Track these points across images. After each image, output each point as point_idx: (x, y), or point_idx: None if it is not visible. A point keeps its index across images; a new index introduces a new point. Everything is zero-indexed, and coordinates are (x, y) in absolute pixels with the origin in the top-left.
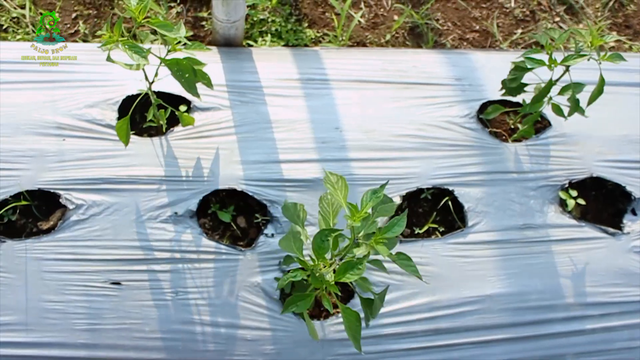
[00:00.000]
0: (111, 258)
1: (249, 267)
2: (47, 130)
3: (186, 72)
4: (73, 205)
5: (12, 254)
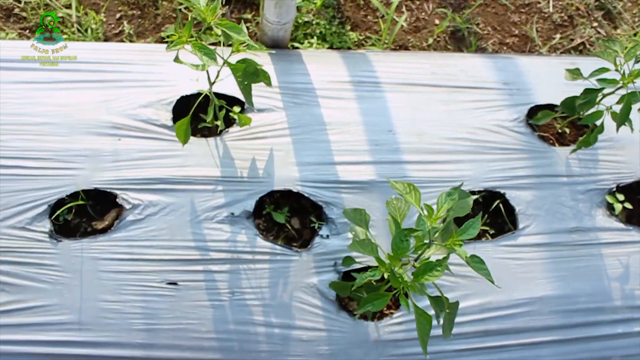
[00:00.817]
0: (168, 258)
1: (304, 268)
2: (102, 130)
3: (247, 78)
4: (129, 205)
5: (68, 253)
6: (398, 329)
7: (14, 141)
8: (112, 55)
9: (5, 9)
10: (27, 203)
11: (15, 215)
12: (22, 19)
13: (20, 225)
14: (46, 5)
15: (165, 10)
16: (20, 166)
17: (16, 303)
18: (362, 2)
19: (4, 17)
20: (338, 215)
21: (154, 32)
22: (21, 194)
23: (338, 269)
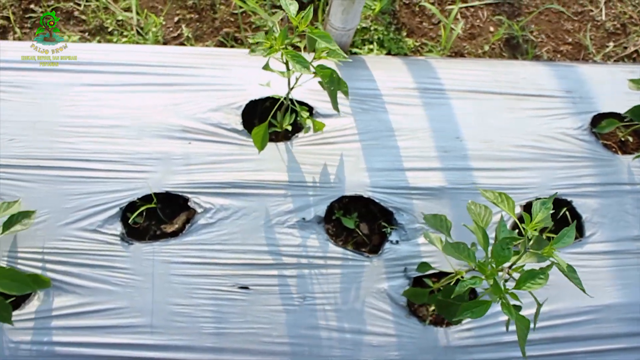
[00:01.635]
0: (239, 262)
1: (375, 274)
2: (172, 133)
3: (332, 84)
4: (201, 209)
5: (140, 256)
6: (467, 335)
7: (84, 143)
8: (178, 58)
9: (65, 11)
10: (99, 205)
11: (87, 217)
12: (81, 21)
13: (92, 227)
14: (105, 8)
15: (223, 14)
16: (91, 168)
17: (88, 305)
18: (417, 8)
19: (64, 19)
20: (408, 221)
21: (212, 35)
22: (92, 196)
23: (408, 275)
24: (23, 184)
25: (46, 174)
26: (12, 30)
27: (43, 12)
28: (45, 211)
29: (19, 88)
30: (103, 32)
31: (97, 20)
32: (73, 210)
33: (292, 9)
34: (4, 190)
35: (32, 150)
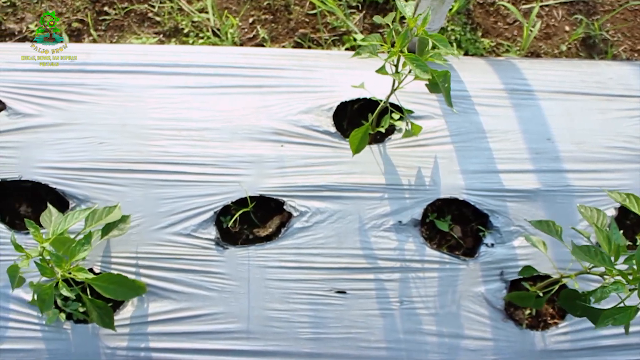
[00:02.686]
0: (335, 266)
1: (471, 277)
2: (264, 136)
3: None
4: (297, 212)
5: (235, 260)
6: (564, 339)
7: (174, 146)
8: (264, 60)
9: (139, 13)
10: (192, 210)
11: (181, 222)
12: (156, 23)
13: (186, 232)
14: (180, 10)
15: (298, 15)
16: (183, 172)
17: (184, 311)
18: (491, 8)
19: (138, 21)
20: (503, 223)
21: (288, 37)
22: (185, 200)
23: (504, 278)
24: (115, 188)
25: (138, 178)
26: (86, 33)
27: (117, 15)
28: (139, 215)
29: (105, 91)
30: (179, 34)
31: (172, 21)
32: (166, 214)
33: (408, 10)
34: (95, 194)
35: (122, 154)
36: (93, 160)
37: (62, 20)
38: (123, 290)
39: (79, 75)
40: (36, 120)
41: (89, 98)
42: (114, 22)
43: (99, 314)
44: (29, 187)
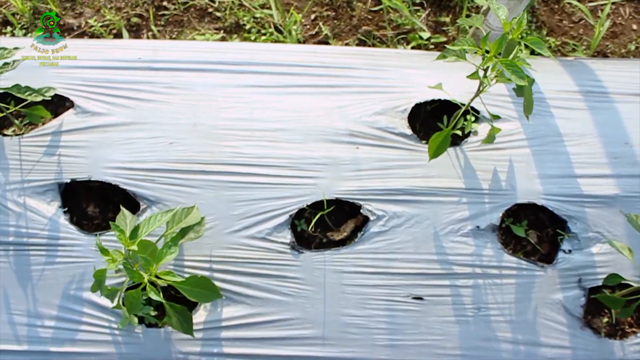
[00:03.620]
0: (412, 272)
1: (549, 284)
2: (339, 138)
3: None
4: (374, 216)
5: (311, 265)
6: None
7: (247, 147)
8: (334, 58)
9: (198, 8)
10: (267, 212)
11: (255, 225)
12: (216, 19)
13: (261, 235)
14: (240, 5)
15: (361, 11)
16: (256, 174)
17: (258, 316)
18: (556, 6)
19: (198, 17)
20: (581, 229)
21: (351, 34)
22: (260, 202)
23: (582, 285)
24: (186, 190)
25: (210, 179)
26: (146, 28)
27: (176, 10)
28: (212, 218)
29: (174, 89)
30: (240, 30)
31: (232, 17)
32: (240, 217)
33: (502, 13)
34: (167, 196)
35: (194, 154)
36: (164, 161)
37: (121, 15)
38: (207, 293)
39: (147, 73)
40: (105, 119)
41: (158, 97)
42: (173, 17)
43: (178, 319)
44: (96, 187)
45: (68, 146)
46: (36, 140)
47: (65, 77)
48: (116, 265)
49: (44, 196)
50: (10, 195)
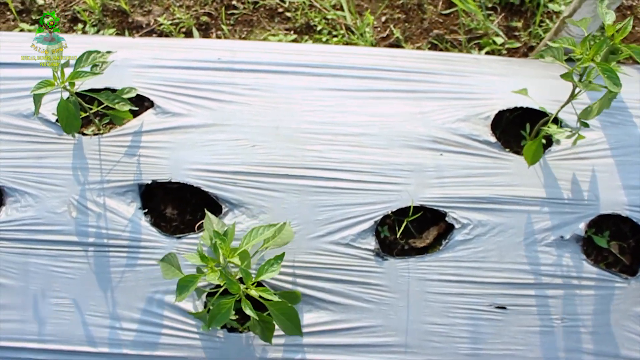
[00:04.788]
0: (496, 281)
1: (633, 296)
2: (422, 144)
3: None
4: (458, 225)
5: (394, 272)
6: None
7: (331, 152)
8: (413, 63)
9: (268, 8)
10: (351, 218)
11: (340, 230)
12: (286, 19)
13: (345, 241)
14: (311, 6)
15: (432, 14)
16: (340, 179)
17: (341, 323)
18: (627, 12)
19: (268, 17)
20: None
21: (422, 37)
22: (344, 208)
23: None
24: (270, 194)
25: (294, 183)
26: (215, 27)
27: (246, 9)
28: (295, 223)
29: (256, 91)
30: (311, 31)
31: (303, 18)
32: (324, 222)
33: (609, 18)
34: (250, 199)
35: (277, 158)
36: (246, 164)
37: (190, 13)
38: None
39: (228, 74)
40: (186, 120)
41: (239, 98)
42: (242, 16)
43: (262, 328)
44: (174, 189)
45: (148, 147)
46: (116, 140)
47: (144, 77)
48: (217, 276)
49: (123, 197)
50: (89, 195)
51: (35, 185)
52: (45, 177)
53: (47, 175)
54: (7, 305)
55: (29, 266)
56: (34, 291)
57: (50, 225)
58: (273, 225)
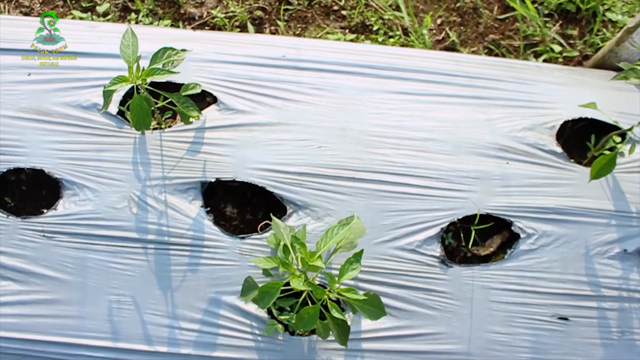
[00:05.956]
0: (559, 292)
1: None
2: (489, 151)
3: None
4: (524, 234)
5: (459, 280)
6: None
7: (397, 156)
8: (477, 68)
9: (323, 5)
10: (417, 224)
11: (406, 236)
12: (341, 17)
13: (410, 247)
14: (366, 5)
15: (487, 19)
16: (406, 184)
17: (404, 329)
18: None
19: (323, 14)
20: None
21: (477, 41)
22: (410, 214)
23: None
24: (336, 196)
25: (360, 187)
26: (268, 22)
27: (300, 5)
28: None
29: (322, 91)
30: (366, 31)
31: (359, 17)
32: (390, 227)
33: None
34: (315, 201)
35: (343, 160)
36: (312, 165)
37: (244, 7)
38: (377, 312)
39: (293, 72)
40: (250, 118)
41: (305, 97)
42: (297, 12)
43: (338, 331)
44: (235, 187)
45: (211, 144)
46: (178, 135)
47: (207, 71)
48: (301, 281)
49: (185, 194)
50: (150, 191)
51: (95, 179)
52: (104, 171)
53: (106, 169)
54: (63, 300)
55: (86, 261)
56: (92, 287)
57: (110, 221)
58: (345, 223)
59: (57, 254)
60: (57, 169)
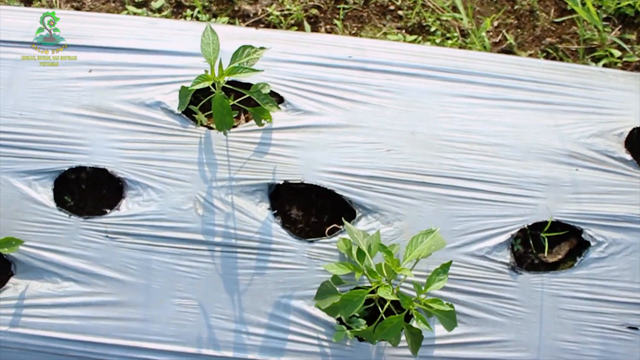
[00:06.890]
0: (629, 301)
1: None
2: (558, 158)
3: None
4: (594, 242)
5: (528, 287)
6: None
7: (467, 161)
8: (543, 73)
9: (379, 5)
10: (487, 230)
11: (476, 242)
12: (397, 17)
13: (480, 253)
14: (423, 5)
15: (544, 22)
16: (476, 189)
17: (473, 336)
18: None
19: (379, 14)
20: None
21: (534, 44)
22: (480, 219)
23: None
24: (406, 201)
25: (430, 192)
26: (324, 21)
27: (356, 4)
28: None
29: (389, 93)
30: (423, 32)
31: (416, 18)
32: (460, 233)
33: None
34: (385, 205)
35: (413, 164)
36: (381, 169)
37: (299, 5)
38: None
39: (360, 73)
40: (318, 119)
41: (372, 100)
42: (352, 11)
43: (412, 340)
44: (300, 190)
45: (279, 145)
46: (245, 136)
47: (273, 71)
48: (389, 291)
49: (252, 196)
50: (216, 192)
51: (159, 179)
52: (169, 171)
53: (171, 169)
54: (127, 302)
55: (151, 263)
56: (156, 290)
57: (175, 222)
58: (429, 232)
59: (120, 255)
60: (120, 168)
